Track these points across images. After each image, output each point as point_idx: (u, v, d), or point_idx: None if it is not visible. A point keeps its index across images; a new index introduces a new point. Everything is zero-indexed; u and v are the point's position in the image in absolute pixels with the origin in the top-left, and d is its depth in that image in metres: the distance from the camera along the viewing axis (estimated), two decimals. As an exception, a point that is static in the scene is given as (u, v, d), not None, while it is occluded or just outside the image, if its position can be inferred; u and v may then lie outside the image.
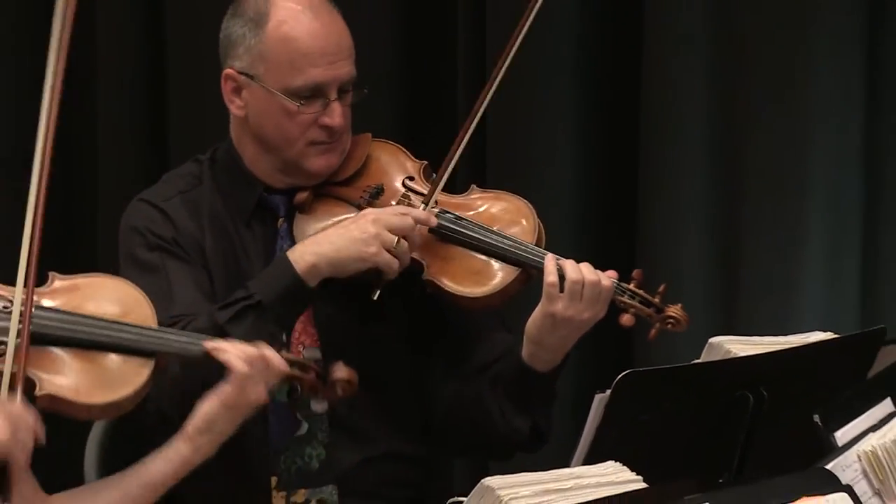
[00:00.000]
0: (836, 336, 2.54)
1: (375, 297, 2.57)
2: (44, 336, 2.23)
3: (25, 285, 2.18)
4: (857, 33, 3.19)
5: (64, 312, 2.29)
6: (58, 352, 2.26)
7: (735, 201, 3.31)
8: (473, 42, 3.37)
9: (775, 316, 3.13)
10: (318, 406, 2.53)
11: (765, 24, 3.24)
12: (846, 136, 3.23)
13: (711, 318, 3.19)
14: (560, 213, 3.34)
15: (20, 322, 2.17)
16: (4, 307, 2.22)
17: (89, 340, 2.27)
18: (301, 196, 2.69)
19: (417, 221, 2.57)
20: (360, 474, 2.66)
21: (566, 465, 2.16)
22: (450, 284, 2.63)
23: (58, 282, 2.36)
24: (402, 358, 2.73)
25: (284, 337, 2.42)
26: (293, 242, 2.66)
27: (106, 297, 2.37)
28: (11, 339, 2.16)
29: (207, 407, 2.28)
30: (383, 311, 2.64)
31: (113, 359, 2.29)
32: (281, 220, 2.71)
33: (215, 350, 2.30)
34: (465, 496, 1.95)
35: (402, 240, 2.55)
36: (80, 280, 2.39)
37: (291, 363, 2.37)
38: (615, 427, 2.22)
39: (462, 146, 2.69)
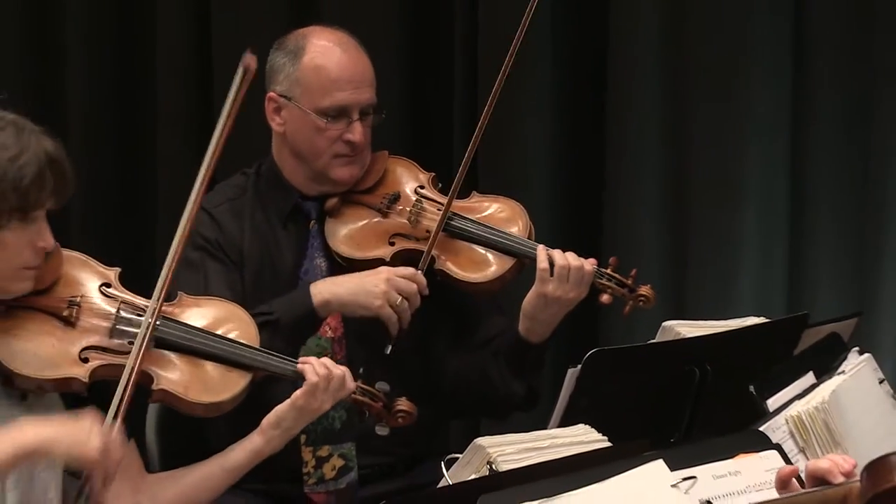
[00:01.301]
0: (767, 320, 2.57)
1: (388, 352, 2.58)
2: (165, 342, 2.22)
3: (157, 299, 2.15)
4: (784, 67, 3.17)
5: (184, 325, 2.26)
6: (175, 356, 2.23)
7: (683, 206, 3.28)
8: (466, 79, 3.37)
9: (717, 303, 3.12)
10: (381, 430, 2.48)
11: (708, 60, 3.22)
12: (774, 151, 3.20)
13: (664, 305, 3.11)
14: (542, 213, 3.28)
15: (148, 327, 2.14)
16: (139, 314, 2.20)
17: (202, 351, 2.25)
18: (331, 202, 2.69)
19: (419, 289, 2.56)
20: (375, 435, 2.61)
21: (544, 427, 2.19)
22: (457, 272, 2.64)
23: (185, 299, 2.33)
24: (414, 336, 2.69)
25: (361, 370, 2.38)
26: (322, 241, 2.67)
27: (222, 316, 2.34)
28: (138, 341, 2.13)
29: (281, 407, 2.26)
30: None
31: (219, 368, 2.26)
32: (312, 222, 2.70)
33: (303, 363, 2.28)
34: (460, 453, 1.98)
35: (404, 300, 2.54)
36: (203, 300, 2.36)
37: (364, 392, 2.35)
38: (585, 396, 2.24)
39: (467, 163, 2.69)
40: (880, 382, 2.35)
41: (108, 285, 2.25)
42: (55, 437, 1.99)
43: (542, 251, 2.57)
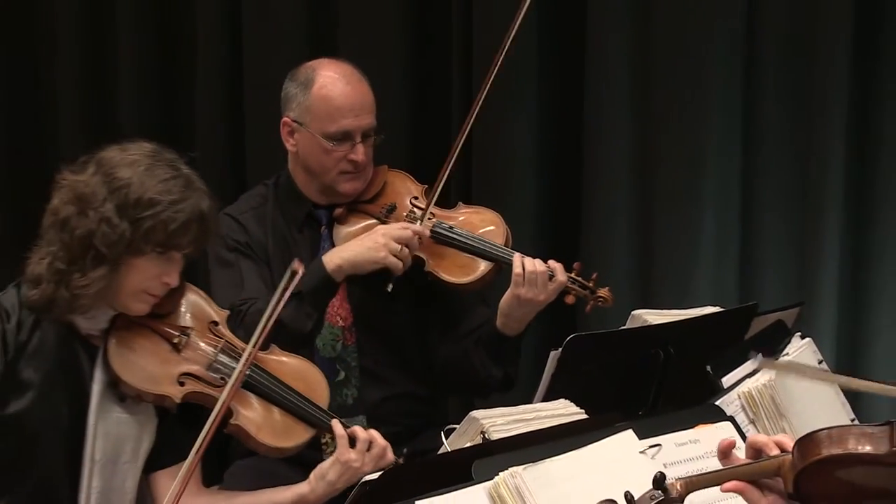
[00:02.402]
0: (721, 309, 2.58)
1: (389, 290, 2.56)
2: (252, 385, 2.21)
3: (254, 346, 2.14)
4: (736, 94, 3.16)
5: (271, 375, 2.25)
6: (255, 399, 2.22)
7: (649, 212, 3.26)
8: (461, 102, 3.35)
9: (678, 294, 3.10)
10: (332, 353, 2.53)
11: (672, 87, 3.21)
12: (728, 165, 3.19)
13: (633, 296, 3.15)
14: (525, 218, 3.31)
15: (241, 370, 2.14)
16: (235, 356, 2.20)
17: (280, 401, 2.24)
18: (338, 210, 2.69)
19: (415, 233, 2.57)
20: (382, 408, 2.66)
21: (530, 402, 2.19)
22: (443, 274, 2.63)
23: (275, 350, 2.31)
24: (411, 326, 2.72)
25: (405, 450, 2.31)
26: (332, 243, 2.66)
27: (305, 376, 2.31)
28: (231, 381, 2.12)
29: (328, 462, 2.21)
30: (398, 294, 2.62)
31: (289, 418, 2.24)
32: (323, 227, 2.70)
33: (353, 433, 2.21)
34: (458, 424, 1.98)
35: (404, 247, 2.54)
36: (291, 358, 2.33)
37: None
38: (565, 375, 2.25)
39: (445, 177, 2.69)
40: (819, 363, 2.38)
41: (216, 324, 2.26)
42: None
43: (517, 258, 2.56)
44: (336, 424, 2.22)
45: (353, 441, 2.18)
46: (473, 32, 3.42)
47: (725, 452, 1.62)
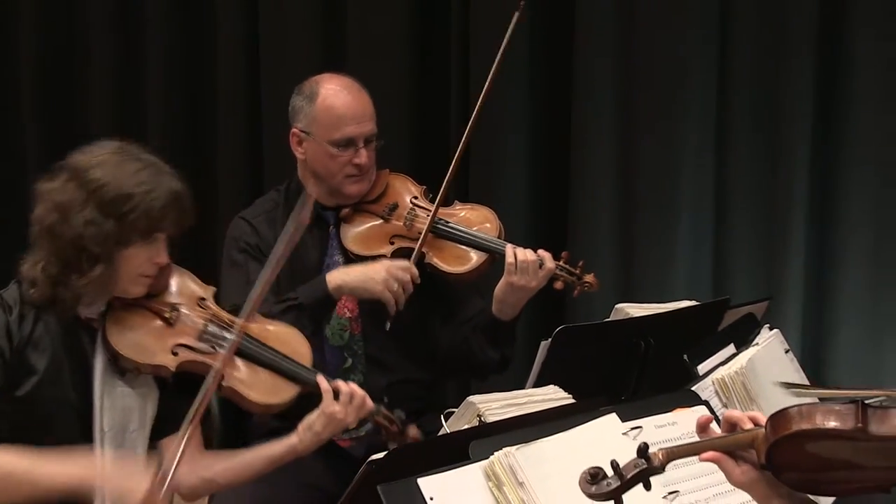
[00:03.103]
0: (697, 303, 2.58)
1: (387, 328, 2.57)
2: (241, 351, 2.20)
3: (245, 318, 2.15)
4: (710, 106, 3.17)
5: (258, 341, 2.24)
6: (244, 363, 2.21)
7: (630, 213, 3.27)
8: (459, 112, 3.36)
9: (658, 289, 3.11)
10: (340, 341, 2.53)
11: (651, 100, 3.23)
12: (702, 171, 3.20)
13: (616, 291, 3.16)
14: (516, 216, 3.33)
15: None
16: (222, 326, 2.20)
17: (267, 363, 2.23)
18: (345, 211, 2.69)
19: (413, 277, 2.56)
20: (387, 392, 2.64)
21: (522, 388, 2.18)
22: (443, 265, 2.63)
23: (260, 319, 2.29)
24: (413, 316, 2.69)
25: (385, 399, 2.37)
26: (339, 241, 2.66)
27: (288, 339, 2.31)
28: (225, 349, 2.14)
29: (313, 414, 2.21)
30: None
31: (276, 378, 2.23)
32: (331, 226, 2.69)
33: (336, 386, 2.22)
34: (456, 408, 1.98)
35: (400, 287, 2.53)
36: (274, 325, 2.33)
37: (385, 417, 2.31)
38: (554, 363, 2.24)
39: (448, 178, 2.69)
40: (786, 352, 2.38)
41: (204, 300, 2.25)
42: (109, 485, 1.98)
43: (509, 249, 2.56)
44: (320, 379, 2.22)
45: (336, 395, 2.19)
46: (470, 48, 3.43)
47: (703, 427, 1.62)
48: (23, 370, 2.05)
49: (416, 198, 2.72)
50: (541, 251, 2.57)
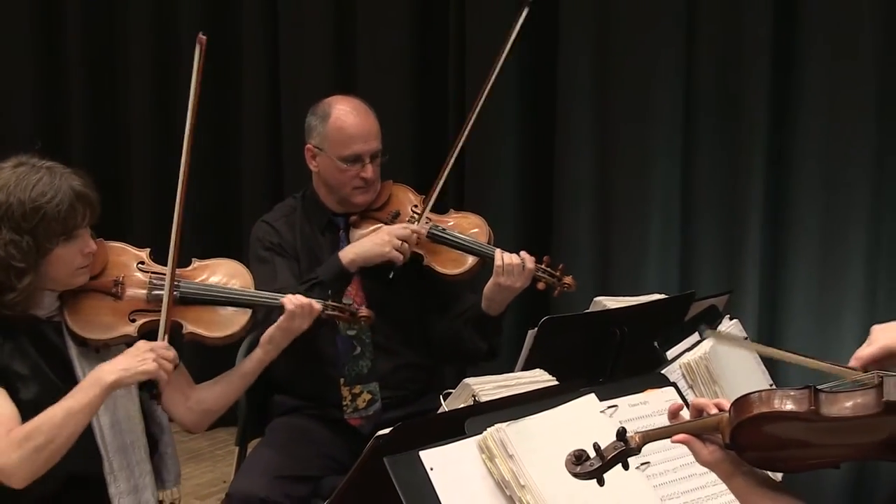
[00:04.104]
0: (666, 296, 2.56)
1: (390, 277, 2.58)
2: (186, 298, 2.18)
3: (171, 268, 2.14)
4: (678, 120, 3.16)
5: (196, 283, 2.22)
6: (195, 307, 2.20)
7: (607, 217, 3.27)
8: (457, 127, 3.34)
9: (631, 284, 3.11)
10: (351, 332, 2.56)
11: (627, 112, 3.21)
12: (670, 179, 3.19)
13: (595, 285, 3.16)
14: (508, 221, 3.33)
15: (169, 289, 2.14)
16: (161, 280, 2.16)
17: (213, 299, 2.22)
18: (353, 217, 2.68)
19: (413, 231, 2.58)
20: (392, 376, 2.65)
21: (512, 371, 2.15)
22: (438, 267, 2.62)
23: (195, 263, 2.29)
24: (414, 309, 2.71)
25: (330, 292, 2.38)
26: (349, 244, 2.65)
27: (224, 271, 2.29)
28: (165, 299, 2.12)
29: (272, 328, 2.24)
30: (403, 283, 2.62)
31: (228, 309, 2.22)
32: (341, 231, 2.68)
33: (284, 300, 2.25)
34: (453, 389, 1.97)
35: (404, 243, 2.55)
36: (209, 262, 2.30)
37: (334, 308, 2.32)
38: (540, 350, 2.23)
39: (438, 190, 2.69)
40: (744, 339, 2.38)
41: (143, 263, 2.21)
42: (124, 369, 1.98)
43: (497, 253, 2.56)
44: (285, 300, 2.24)
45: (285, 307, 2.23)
46: (466, 71, 3.43)
47: (674, 413, 1.62)
48: (14, 379, 2.01)
49: (416, 206, 2.71)
50: (523, 253, 2.57)
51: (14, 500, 2.02)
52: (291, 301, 2.25)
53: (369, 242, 2.57)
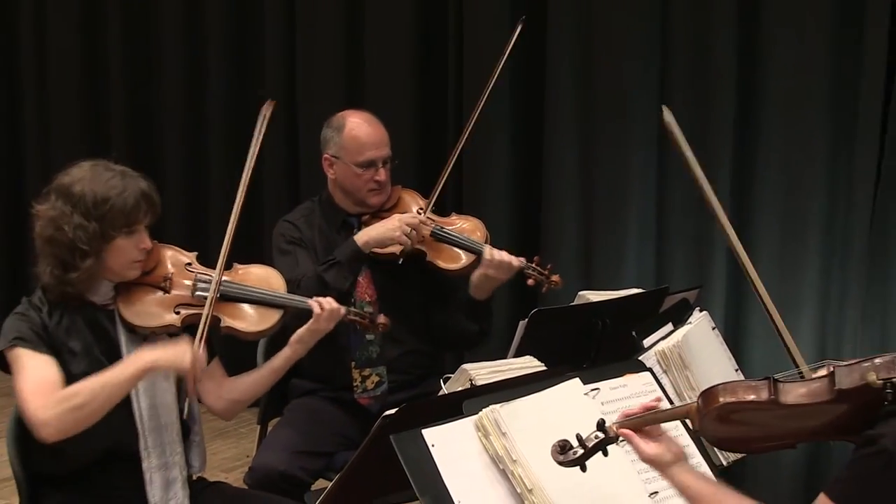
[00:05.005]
0: (643, 290, 2.55)
1: (399, 262, 2.58)
2: (226, 295, 2.20)
3: (219, 270, 2.17)
4: (652, 133, 3.13)
5: (237, 284, 2.24)
6: (233, 304, 2.21)
7: (590, 219, 3.26)
8: (456, 136, 3.36)
9: (612, 279, 3.09)
10: (368, 336, 2.56)
11: (608, 125, 3.19)
12: (646, 184, 3.17)
13: (579, 280, 3.14)
14: (502, 223, 3.32)
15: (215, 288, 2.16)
16: (209, 280, 2.18)
17: (250, 298, 2.23)
18: (365, 217, 2.69)
19: (420, 221, 2.58)
20: (398, 361, 2.65)
21: (505, 358, 2.14)
22: (440, 263, 2.63)
23: (237, 266, 2.31)
24: (418, 301, 2.71)
25: (353, 301, 2.39)
26: None
27: (261, 275, 2.30)
28: (210, 296, 2.14)
29: (301, 329, 2.25)
30: (408, 278, 2.63)
31: (261, 308, 2.24)
32: (355, 229, 2.69)
33: (312, 303, 2.26)
34: (452, 374, 1.96)
35: (413, 229, 2.55)
36: (250, 267, 2.32)
37: (355, 314, 2.35)
38: (530, 338, 2.23)
39: (437, 191, 2.71)
40: (713, 329, 2.37)
41: (190, 264, 2.22)
42: (162, 356, 1.99)
43: (487, 249, 2.59)
44: (313, 302, 2.24)
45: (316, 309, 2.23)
46: (463, 87, 3.42)
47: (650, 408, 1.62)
48: (68, 355, 2.03)
49: (421, 209, 2.72)
50: (511, 256, 2.59)
51: (62, 464, 2.05)
52: (321, 304, 2.25)
53: (382, 227, 2.57)
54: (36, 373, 1.95)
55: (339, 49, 3.76)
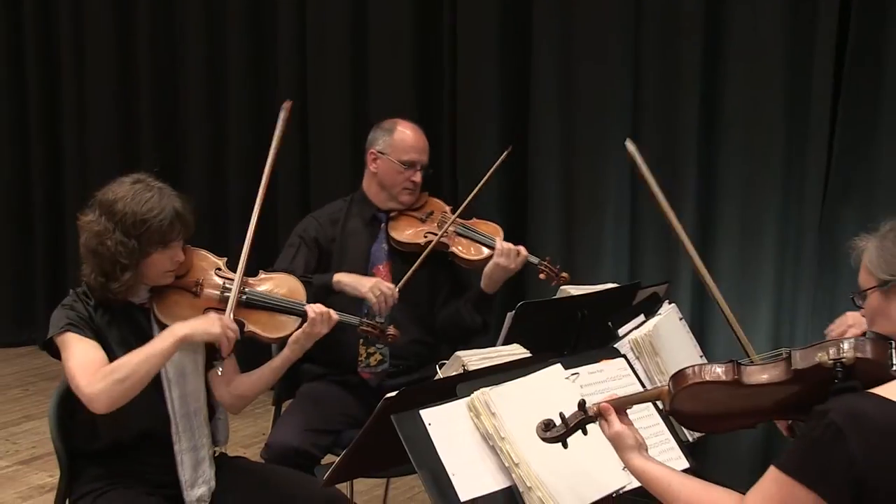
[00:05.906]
0: (617, 285, 2.54)
1: (377, 320, 2.41)
2: (250, 302, 2.17)
3: (240, 276, 2.14)
4: (625, 129, 3.13)
5: (259, 292, 2.21)
6: (256, 310, 2.18)
7: (570, 223, 3.26)
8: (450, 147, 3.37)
9: (591, 275, 3.10)
10: (379, 345, 2.49)
11: (588, 135, 3.21)
12: (621, 192, 3.19)
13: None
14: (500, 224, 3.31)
15: (238, 293, 2.13)
16: (230, 284, 2.15)
17: (271, 306, 2.20)
18: (393, 213, 2.71)
19: (389, 299, 2.48)
20: (403, 348, 2.62)
21: (494, 346, 2.14)
22: (461, 254, 2.65)
23: (262, 274, 2.28)
24: (426, 296, 2.70)
25: (366, 311, 2.34)
26: (387, 234, 2.68)
27: (285, 284, 2.27)
28: (232, 300, 2.11)
29: (298, 332, 2.18)
30: (426, 273, 2.61)
31: (282, 315, 2.19)
32: (382, 225, 2.70)
33: (307, 308, 2.20)
34: (447, 360, 1.96)
35: (382, 295, 2.49)
36: (274, 274, 2.28)
37: (365, 324, 2.27)
38: (517, 328, 2.22)
39: (467, 202, 2.71)
40: (680, 319, 2.36)
41: (220, 269, 2.19)
42: (194, 327, 1.99)
43: (499, 242, 2.60)
44: (308, 308, 2.20)
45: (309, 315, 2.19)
46: (458, 103, 3.43)
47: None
48: (109, 344, 2.02)
49: (445, 212, 2.74)
50: (520, 247, 2.61)
51: (98, 442, 2.05)
52: (313, 309, 2.21)
53: (358, 283, 2.53)
54: (84, 354, 1.95)
55: (345, 61, 3.75)
